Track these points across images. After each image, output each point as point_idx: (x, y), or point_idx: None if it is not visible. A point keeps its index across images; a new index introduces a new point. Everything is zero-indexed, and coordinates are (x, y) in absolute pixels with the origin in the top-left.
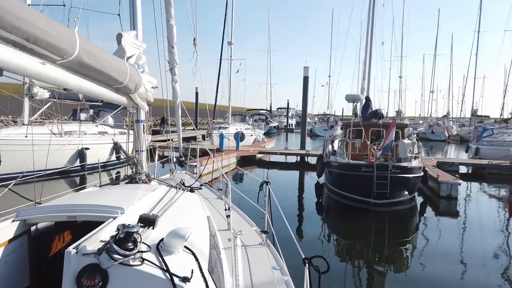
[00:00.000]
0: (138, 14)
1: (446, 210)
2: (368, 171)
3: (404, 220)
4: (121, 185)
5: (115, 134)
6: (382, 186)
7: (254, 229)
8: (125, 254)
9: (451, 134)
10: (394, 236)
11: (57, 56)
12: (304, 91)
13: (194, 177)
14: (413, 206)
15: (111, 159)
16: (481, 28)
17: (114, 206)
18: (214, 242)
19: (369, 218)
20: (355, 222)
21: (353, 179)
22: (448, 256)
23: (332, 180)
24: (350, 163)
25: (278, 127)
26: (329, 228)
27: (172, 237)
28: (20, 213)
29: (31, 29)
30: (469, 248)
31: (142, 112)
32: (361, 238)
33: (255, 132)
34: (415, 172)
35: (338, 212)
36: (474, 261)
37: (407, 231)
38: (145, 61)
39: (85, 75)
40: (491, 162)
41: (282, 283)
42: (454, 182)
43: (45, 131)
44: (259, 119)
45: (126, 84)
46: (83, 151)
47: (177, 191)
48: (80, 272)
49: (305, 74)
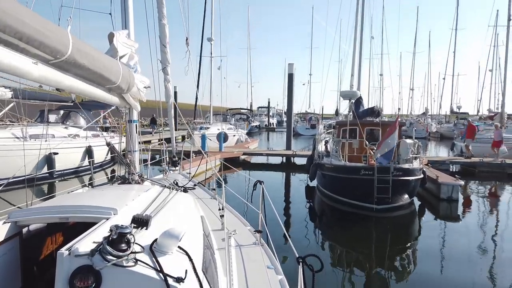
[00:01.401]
0: (130, 13)
1: (447, 213)
2: (367, 174)
3: (405, 225)
4: (113, 186)
5: (88, 137)
6: (383, 190)
7: (248, 229)
8: (118, 255)
9: (431, 131)
10: (393, 240)
11: (50, 56)
12: (289, 88)
13: (187, 177)
14: (413, 211)
15: (83, 164)
16: (458, 26)
17: (106, 207)
18: (208, 242)
19: (367, 224)
20: (351, 229)
21: (351, 183)
22: (455, 264)
23: (326, 184)
24: (347, 166)
25: (259, 126)
26: (322, 233)
27: (165, 238)
28: (12, 215)
29: (24, 29)
30: (477, 255)
31: (135, 112)
32: (357, 243)
33: (237, 132)
34: (417, 174)
35: (333, 217)
36: (484, 269)
37: (408, 237)
38: (137, 60)
39: (78, 75)
40: (482, 160)
41: (276, 282)
42: (455, 183)
43: (7, 135)
44: (240, 118)
45: (118, 84)
46: (51, 156)
47: (170, 191)
48: (73, 274)
49: (289, 71)
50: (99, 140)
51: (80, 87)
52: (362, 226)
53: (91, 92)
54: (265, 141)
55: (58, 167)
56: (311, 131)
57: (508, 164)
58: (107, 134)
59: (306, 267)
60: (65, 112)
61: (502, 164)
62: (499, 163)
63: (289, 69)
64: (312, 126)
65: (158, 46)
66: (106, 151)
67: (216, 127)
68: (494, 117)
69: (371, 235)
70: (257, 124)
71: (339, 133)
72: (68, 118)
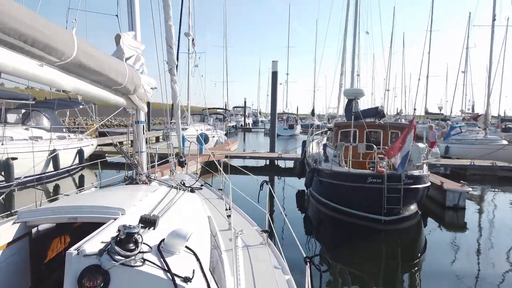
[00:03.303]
0: (136, 14)
1: (455, 222)
2: (375, 182)
3: (413, 239)
4: (121, 186)
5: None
6: (393, 200)
7: (255, 229)
8: (126, 255)
9: None
10: (404, 256)
11: (55, 58)
12: (273, 87)
13: (194, 177)
14: (419, 221)
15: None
16: (433, 27)
17: (114, 207)
18: (215, 242)
19: (375, 238)
20: (356, 243)
21: (356, 192)
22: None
23: (324, 191)
24: (352, 173)
25: (236, 126)
26: (319, 249)
27: (173, 238)
28: (21, 215)
29: (29, 31)
30: (493, 273)
31: (142, 113)
32: (364, 260)
33: (216, 133)
34: (426, 181)
35: (333, 229)
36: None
37: (417, 252)
38: (144, 62)
39: (83, 77)
40: (473, 163)
41: (284, 282)
42: (462, 190)
43: None
44: (217, 118)
45: (125, 85)
46: (9, 162)
47: (177, 192)
48: (82, 273)
49: (273, 68)
50: (65, 143)
51: (86, 89)
52: (369, 241)
53: (97, 93)
54: (242, 142)
55: (18, 174)
56: (289, 131)
57: (500, 166)
58: (74, 136)
59: (314, 267)
60: (26, 112)
61: (493, 167)
62: (490, 165)
63: (273, 66)
64: (290, 126)
65: (164, 47)
66: (74, 155)
67: (194, 128)
68: (478, 118)
69: (379, 251)
70: (233, 124)
71: (336, 136)
72: (29, 119)
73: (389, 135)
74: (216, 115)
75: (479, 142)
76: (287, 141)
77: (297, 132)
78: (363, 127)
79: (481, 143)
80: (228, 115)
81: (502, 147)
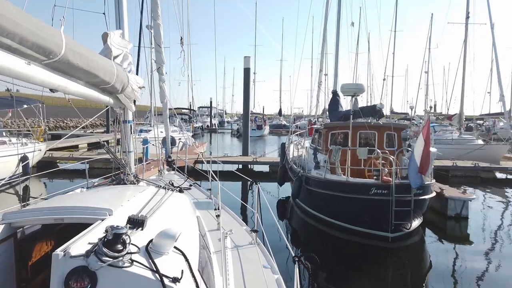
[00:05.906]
0: (124, 13)
1: (458, 233)
2: (380, 193)
3: (419, 256)
4: (109, 187)
5: None
6: (403, 215)
7: (244, 229)
8: (114, 256)
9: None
10: (413, 278)
11: (43, 56)
12: (246, 84)
13: (183, 177)
14: (421, 235)
15: None
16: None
17: (102, 207)
18: (204, 242)
19: (381, 261)
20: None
21: (356, 205)
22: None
23: (313, 203)
24: (351, 182)
25: (202, 127)
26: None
27: (161, 238)
28: (6, 216)
29: (17, 29)
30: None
31: (130, 113)
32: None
33: (183, 135)
34: (433, 191)
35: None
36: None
37: (426, 271)
38: (131, 60)
39: (71, 75)
40: (455, 164)
41: (273, 281)
42: (465, 198)
43: None
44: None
45: (113, 84)
46: None
47: (166, 192)
48: (68, 275)
49: (245, 65)
50: (5, 149)
51: (74, 88)
52: (373, 264)
53: (85, 92)
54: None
55: None
56: (257, 132)
57: (482, 167)
58: (17, 140)
59: (303, 266)
60: None
61: (475, 168)
62: (473, 166)
63: (245, 63)
64: (258, 127)
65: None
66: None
67: (159, 130)
68: (453, 118)
69: (385, 274)
70: (200, 125)
71: (327, 138)
72: None
73: (384, 138)
74: (181, 116)
75: (455, 142)
76: (255, 143)
77: (266, 133)
78: (356, 128)
79: (458, 143)
80: (194, 116)
81: (479, 147)
